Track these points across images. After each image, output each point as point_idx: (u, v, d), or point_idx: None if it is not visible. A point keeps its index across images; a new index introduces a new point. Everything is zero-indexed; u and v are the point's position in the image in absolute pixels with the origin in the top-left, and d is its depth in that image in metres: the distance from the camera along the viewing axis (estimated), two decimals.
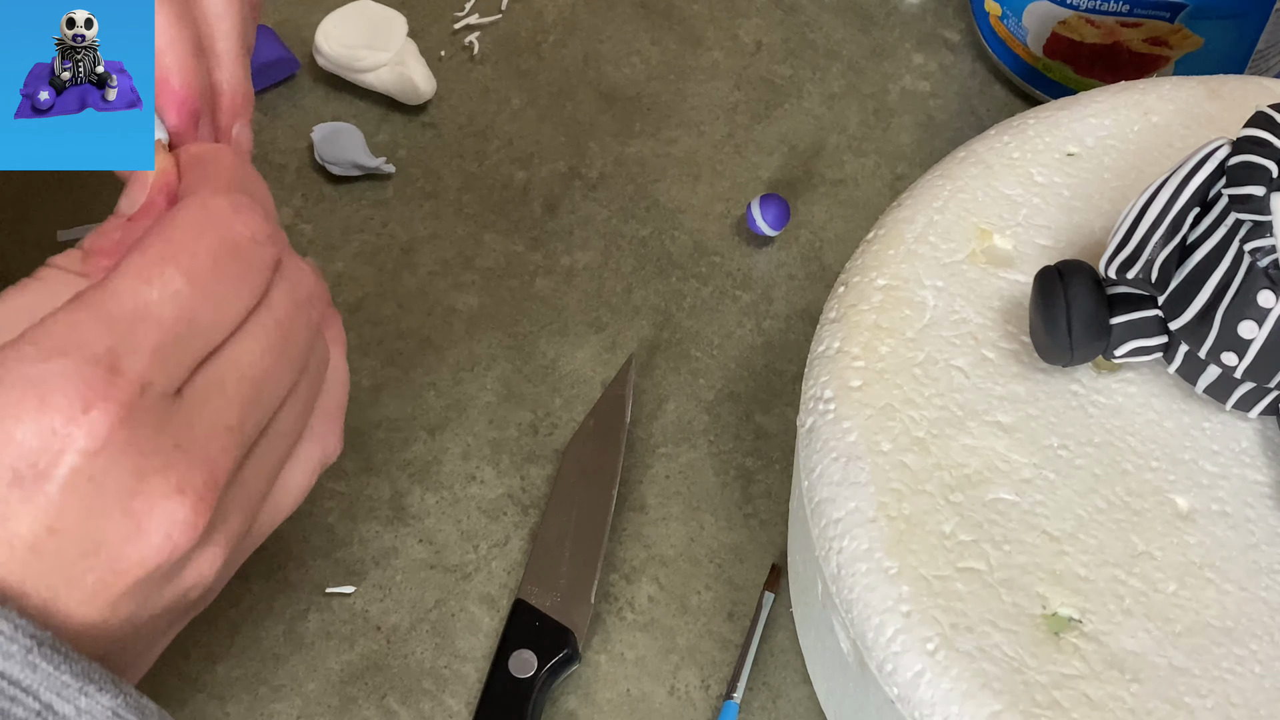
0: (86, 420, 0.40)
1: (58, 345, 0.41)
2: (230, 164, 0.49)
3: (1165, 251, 0.52)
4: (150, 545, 0.42)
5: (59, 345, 0.41)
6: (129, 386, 0.41)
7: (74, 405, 0.40)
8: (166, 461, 0.42)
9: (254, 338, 0.45)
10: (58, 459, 0.40)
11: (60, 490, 0.40)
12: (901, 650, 0.51)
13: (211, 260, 0.44)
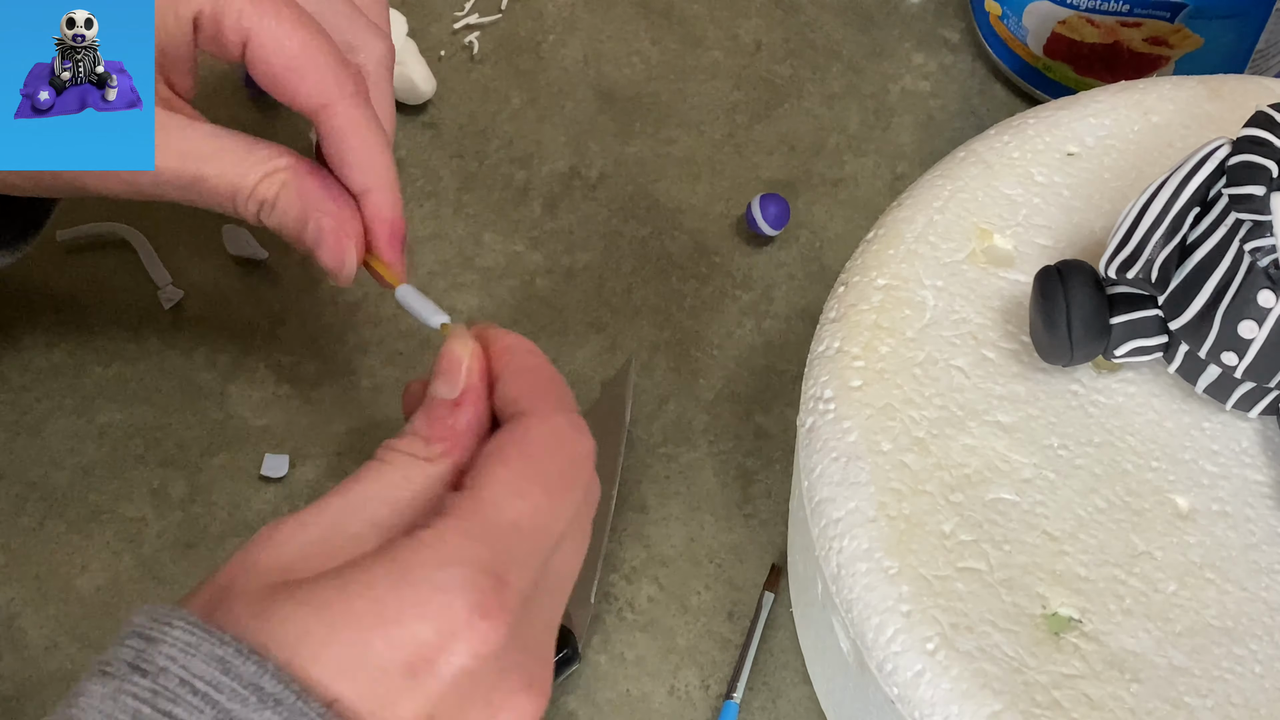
0: (482, 626, 0.44)
1: (454, 554, 0.45)
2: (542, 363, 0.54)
3: (1165, 251, 0.52)
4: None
5: (455, 554, 0.45)
6: (514, 597, 0.45)
7: (473, 612, 0.44)
8: (520, 660, 0.46)
9: (574, 539, 0.49)
10: (450, 657, 0.44)
11: (445, 684, 0.44)
12: (901, 650, 0.51)
13: (560, 475, 0.48)
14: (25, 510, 0.70)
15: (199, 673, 0.42)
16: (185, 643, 0.43)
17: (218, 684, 0.42)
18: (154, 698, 0.42)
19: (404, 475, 0.48)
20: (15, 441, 0.71)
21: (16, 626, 0.66)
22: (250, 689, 0.42)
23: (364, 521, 0.47)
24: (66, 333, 0.75)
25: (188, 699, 0.42)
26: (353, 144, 0.57)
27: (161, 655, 0.43)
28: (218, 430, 0.72)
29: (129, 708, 0.42)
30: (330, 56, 0.57)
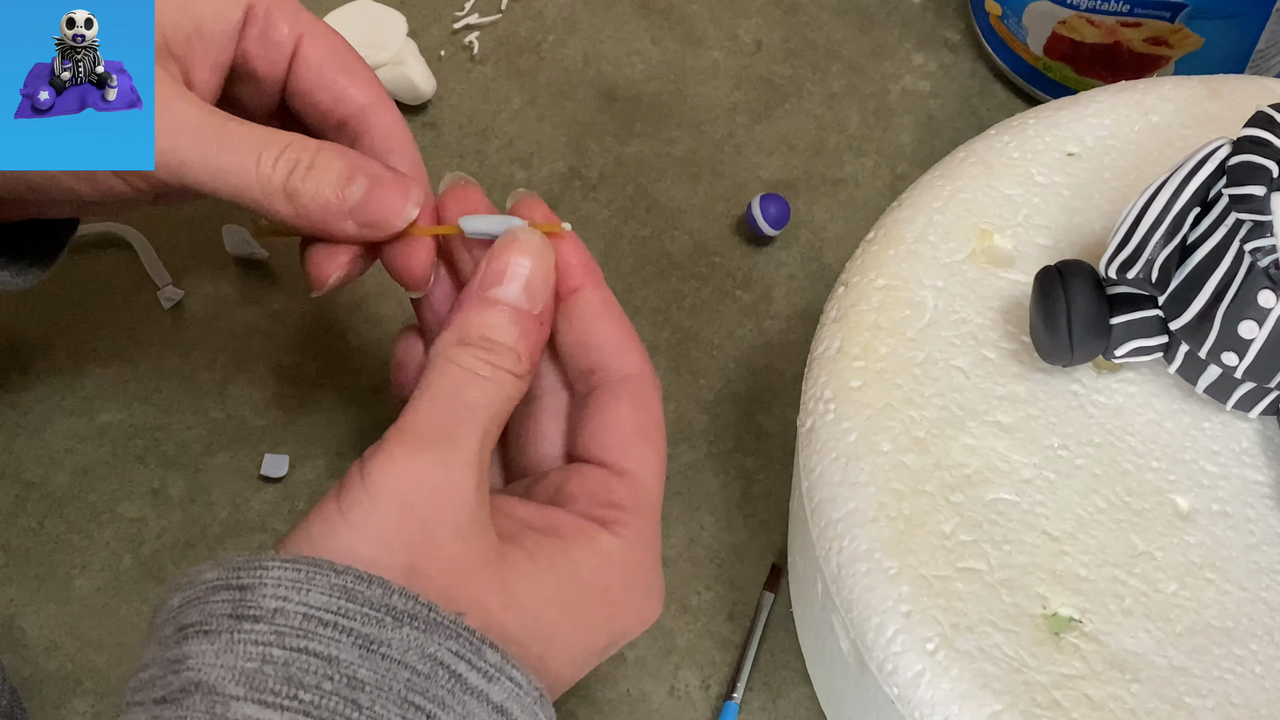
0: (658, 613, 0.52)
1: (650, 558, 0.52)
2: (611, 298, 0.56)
3: (1165, 251, 0.52)
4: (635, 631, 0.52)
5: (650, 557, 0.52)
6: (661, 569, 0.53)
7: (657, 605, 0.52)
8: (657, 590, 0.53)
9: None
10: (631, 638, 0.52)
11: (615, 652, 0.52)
12: (901, 650, 0.51)
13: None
14: (25, 510, 0.70)
15: (321, 604, 0.43)
16: (292, 580, 0.43)
17: (346, 611, 0.43)
18: (280, 638, 0.42)
19: (508, 396, 0.50)
20: (15, 441, 0.71)
21: (16, 626, 0.66)
22: (382, 610, 0.43)
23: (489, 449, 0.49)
24: (66, 332, 0.75)
25: (319, 631, 0.42)
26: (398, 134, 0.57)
27: (268, 598, 0.43)
28: (218, 430, 0.72)
29: (255, 654, 0.42)
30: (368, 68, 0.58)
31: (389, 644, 0.43)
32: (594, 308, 0.54)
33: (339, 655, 0.42)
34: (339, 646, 0.42)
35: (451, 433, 0.47)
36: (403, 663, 0.43)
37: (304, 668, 0.42)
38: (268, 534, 0.69)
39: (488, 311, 0.51)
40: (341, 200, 0.53)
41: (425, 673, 0.43)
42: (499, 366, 0.49)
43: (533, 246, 0.52)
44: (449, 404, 0.48)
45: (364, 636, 0.43)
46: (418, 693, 0.43)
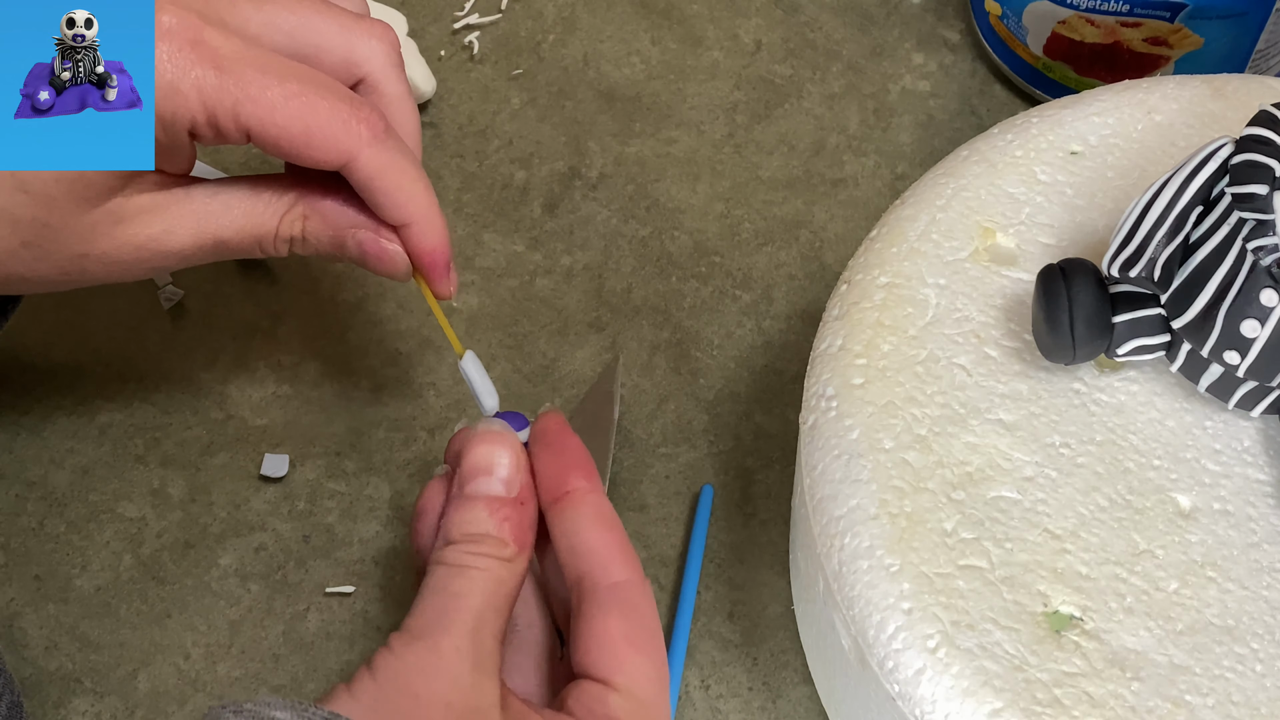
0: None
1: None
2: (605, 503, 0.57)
3: (1168, 250, 0.52)
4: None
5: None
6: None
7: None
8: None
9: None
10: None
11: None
12: (903, 648, 0.51)
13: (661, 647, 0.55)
14: (25, 510, 0.70)
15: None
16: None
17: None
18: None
19: (497, 579, 0.53)
20: (15, 441, 0.71)
21: (16, 626, 0.66)
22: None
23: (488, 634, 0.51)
24: (66, 333, 0.75)
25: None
26: (381, 187, 0.56)
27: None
28: (218, 430, 0.72)
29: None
30: (334, 112, 0.54)
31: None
32: (584, 511, 0.55)
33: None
34: None
35: (440, 622, 0.51)
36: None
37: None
38: (268, 533, 0.69)
39: (464, 509, 0.54)
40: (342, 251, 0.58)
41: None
42: (481, 554, 0.52)
43: (495, 433, 0.55)
44: (438, 598, 0.51)
45: None
46: None
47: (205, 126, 0.53)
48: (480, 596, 0.52)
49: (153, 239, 0.55)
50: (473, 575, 0.52)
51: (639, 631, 0.53)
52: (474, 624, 0.51)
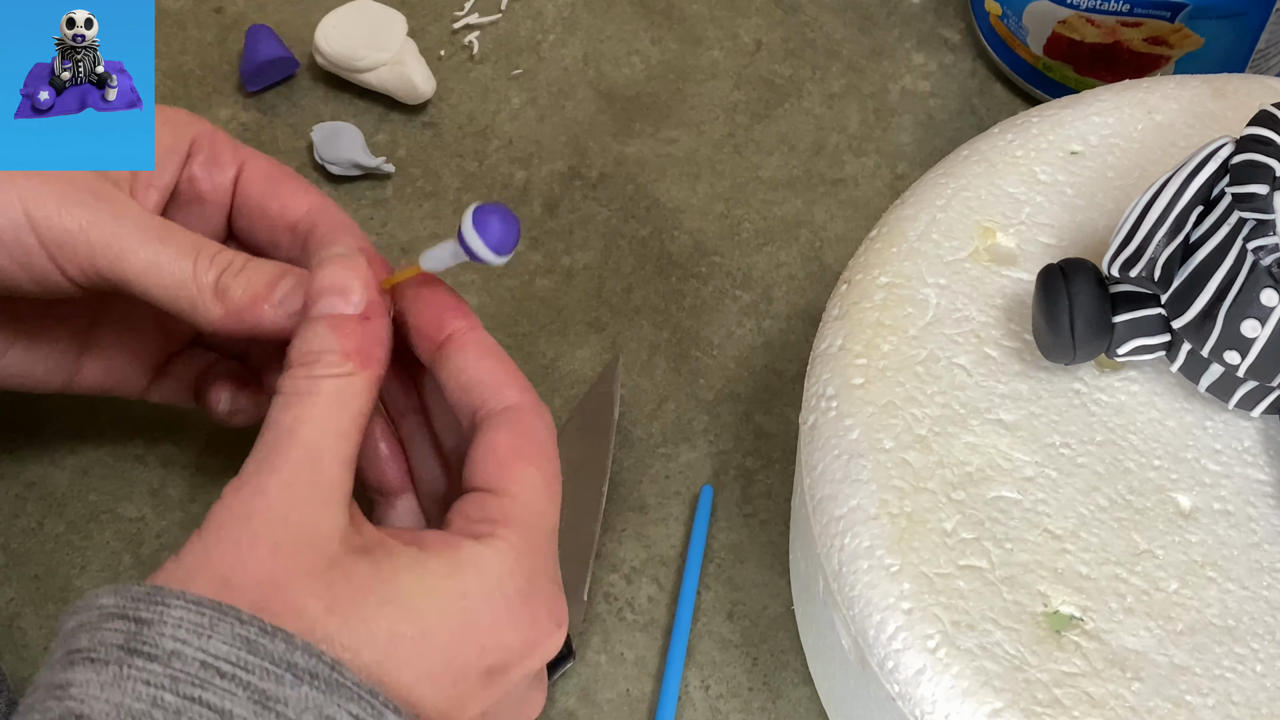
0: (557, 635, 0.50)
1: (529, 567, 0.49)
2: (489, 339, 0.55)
3: (1168, 250, 0.52)
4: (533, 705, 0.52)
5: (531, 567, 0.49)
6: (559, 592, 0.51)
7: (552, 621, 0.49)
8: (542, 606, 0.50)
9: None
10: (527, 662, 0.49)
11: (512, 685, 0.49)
12: (903, 648, 0.51)
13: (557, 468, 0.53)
14: (25, 510, 0.69)
15: (220, 653, 0.41)
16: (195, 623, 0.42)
17: (246, 664, 0.42)
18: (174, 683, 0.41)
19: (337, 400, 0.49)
20: (15, 441, 0.71)
21: (16, 626, 0.66)
22: (283, 666, 0.42)
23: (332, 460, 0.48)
24: None
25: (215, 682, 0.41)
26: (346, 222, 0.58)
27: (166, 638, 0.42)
28: (218, 430, 0.72)
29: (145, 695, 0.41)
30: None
31: (285, 702, 0.42)
32: (469, 349, 0.53)
33: (233, 710, 0.41)
34: (234, 700, 0.41)
35: (268, 460, 0.47)
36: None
37: (195, 718, 0.41)
38: None
39: (305, 331, 0.51)
40: (272, 295, 0.53)
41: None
42: (319, 376, 0.49)
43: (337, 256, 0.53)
44: (269, 433, 0.48)
45: (261, 692, 0.41)
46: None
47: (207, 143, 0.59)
48: (316, 423, 0.48)
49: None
50: (307, 401, 0.49)
51: (528, 445, 0.52)
52: (309, 455, 0.48)
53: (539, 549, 0.50)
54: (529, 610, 0.49)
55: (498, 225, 0.50)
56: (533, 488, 0.51)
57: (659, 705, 0.63)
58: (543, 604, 0.49)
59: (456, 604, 0.47)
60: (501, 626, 0.48)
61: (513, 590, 0.48)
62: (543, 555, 0.50)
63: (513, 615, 0.48)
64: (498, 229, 0.50)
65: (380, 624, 0.45)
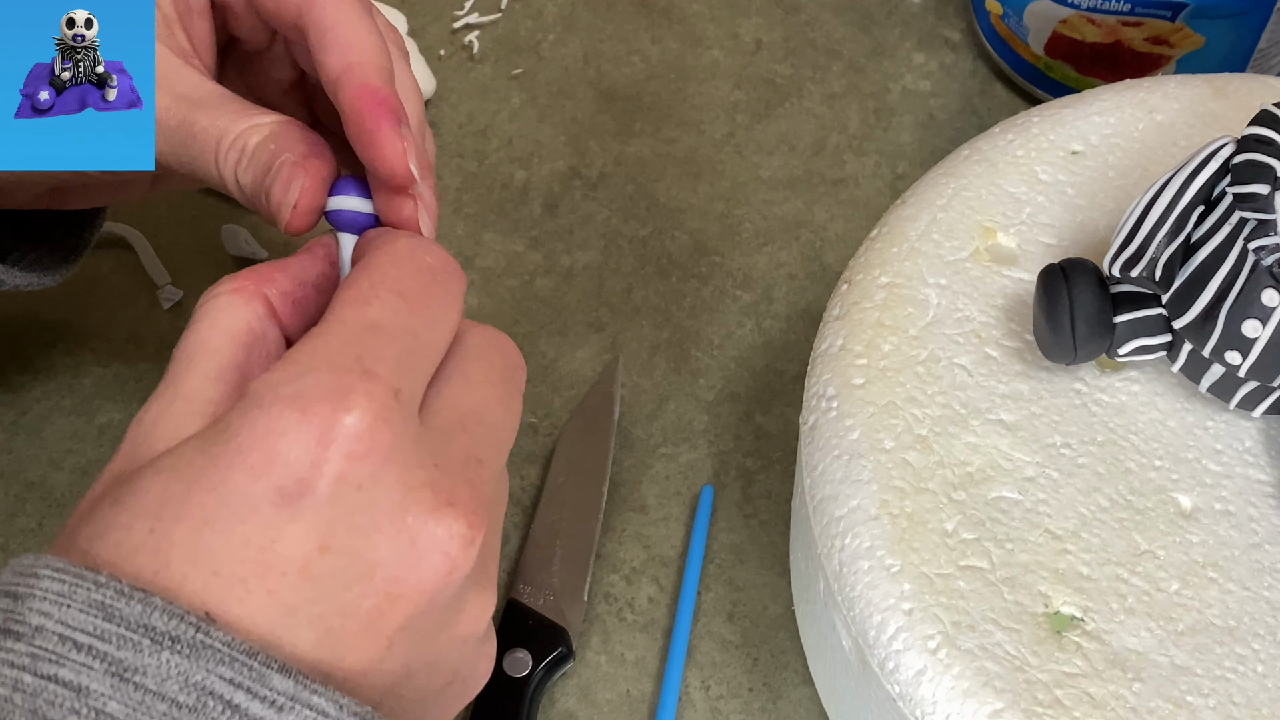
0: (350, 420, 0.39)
1: (307, 363, 0.40)
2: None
3: (1169, 250, 0.52)
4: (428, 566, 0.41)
5: (309, 363, 0.40)
6: (384, 387, 0.40)
7: (336, 408, 0.39)
8: (431, 477, 0.41)
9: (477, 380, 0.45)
10: (322, 467, 0.39)
11: (328, 502, 0.39)
12: (903, 648, 0.51)
13: (414, 282, 0.44)
14: (24, 510, 0.69)
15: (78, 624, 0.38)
16: (57, 593, 0.38)
17: (102, 633, 0.38)
18: (34, 662, 0.37)
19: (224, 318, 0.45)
20: (15, 441, 0.71)
21: None
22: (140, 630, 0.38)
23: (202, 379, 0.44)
24: (66, 332, 0.75)
25: (71, 657, 0.37)
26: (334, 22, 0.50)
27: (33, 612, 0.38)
28: None
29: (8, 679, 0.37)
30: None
31: (144, 671, 0.37)
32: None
33: (89, 685, 0.37)
34: (90, 675, 0.37)
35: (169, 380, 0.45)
36: (160, 694, 0.37)
37: (51, 699, 0.37)
38: None
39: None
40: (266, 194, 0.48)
41: (190, 705, 0.37)
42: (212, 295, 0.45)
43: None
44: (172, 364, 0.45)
45: (118, 662, 0.37)
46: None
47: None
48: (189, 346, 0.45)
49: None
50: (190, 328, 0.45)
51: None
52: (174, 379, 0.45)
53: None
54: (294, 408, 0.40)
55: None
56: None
57: (659, 706, 0.63)
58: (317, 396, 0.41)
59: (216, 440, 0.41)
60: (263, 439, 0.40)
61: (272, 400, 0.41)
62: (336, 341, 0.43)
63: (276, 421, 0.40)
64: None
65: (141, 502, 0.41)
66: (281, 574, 0.39)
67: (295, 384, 0.40)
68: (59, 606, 0.38)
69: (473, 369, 0.45)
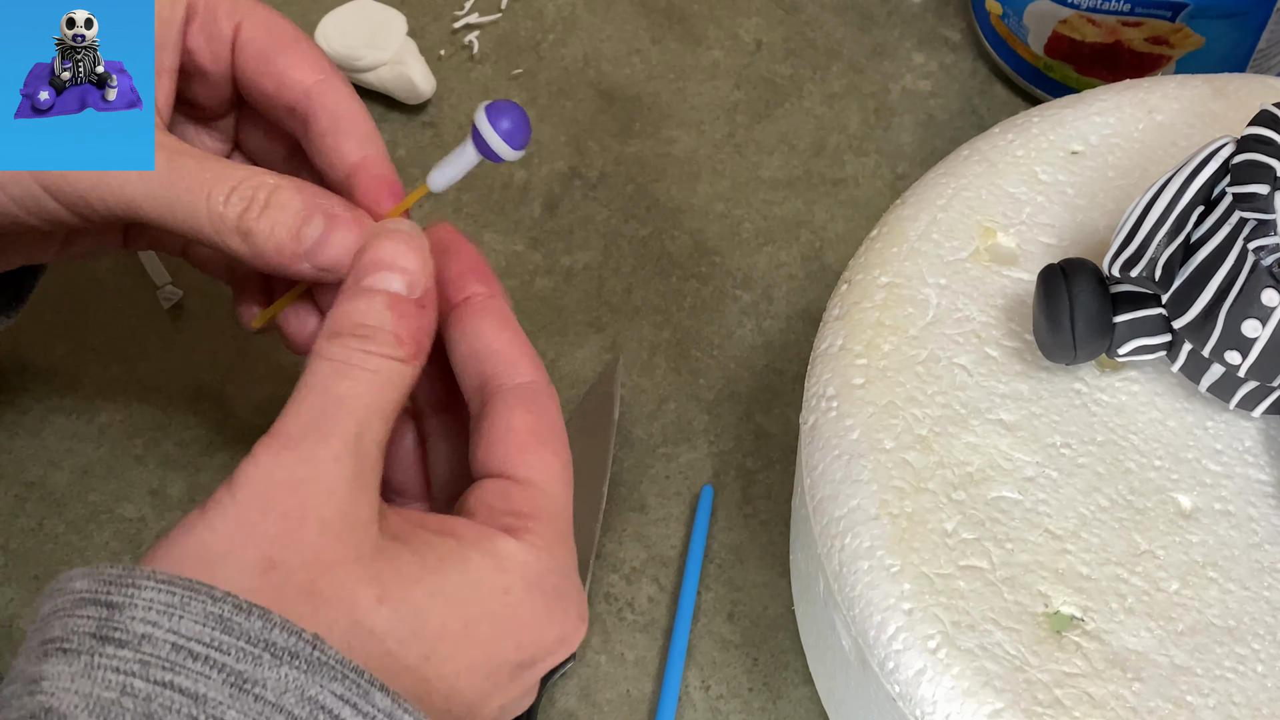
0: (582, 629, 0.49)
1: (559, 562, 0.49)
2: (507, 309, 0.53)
3: (1169, 250, 0.52)
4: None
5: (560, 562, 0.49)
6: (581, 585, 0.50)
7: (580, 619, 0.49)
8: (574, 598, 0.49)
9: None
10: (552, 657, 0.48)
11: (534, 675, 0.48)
12: (903, 648, 0.51)
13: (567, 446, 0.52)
14: (25, 510, 0.69)
15: (193, 634, 0.39)
16: (165, 604, 0.40)
17: (220, 644, 0.40)
18: (144, 668, 0.39)
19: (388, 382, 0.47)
20: (15, 441, 0.71)
21: (16, 627, 0.66)
22: (260, 645, 0.40)
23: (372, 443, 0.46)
24: (66, 333, 0.75)
25: (187, 665, 0.39)
26: (347, 111, 0.54)
27: (137, 621, 0.39)
28: (217, 430, 0.72)
29: (115, 683, 0.38)
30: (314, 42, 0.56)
31: (264, 684, 0.39)
32: (487, 316, 0.51)
33: (207, 693, 0.39)
34: (208, 684, 0.39)
35: (318, 428, 0.45)
36: (278, 705, 0.39)
37: (166, 704, 0.38)
38: None
39: (360, 300, 0.48)
40: (297, 242, 0.50)
41: (303, 717, 0.39)
42: (373, 353, 0.47)
43: (404, 232, 0.50)
44: (317, 399, 0.46)
45: (237, 674, 0.39)
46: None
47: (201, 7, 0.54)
48: (367, 400, 0.46)
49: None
50: (360, 376, 0.46)
51: (545, 428, 0.50)
52: (357, 431, 0.45)
53: (567, 542, 0.50)
54: (562, 607, 0.48)
55: (512, 117, 0.50)
56: (555, 476, 0.50)
57: (659, 706, 0.63)
58: (573, 600, 0.49)
59: (500, 599, 0.46)
60: (539, 623, 0.47)
61: (550, 587, 0.48)
62: (570, 549, 0.50)
63: (550, 612, 0.48)
64: (510, 120, 0.50)
65: (429, 620, 0.44)
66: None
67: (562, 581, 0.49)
68: (168, 616, 0.39)
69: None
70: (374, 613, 0.43)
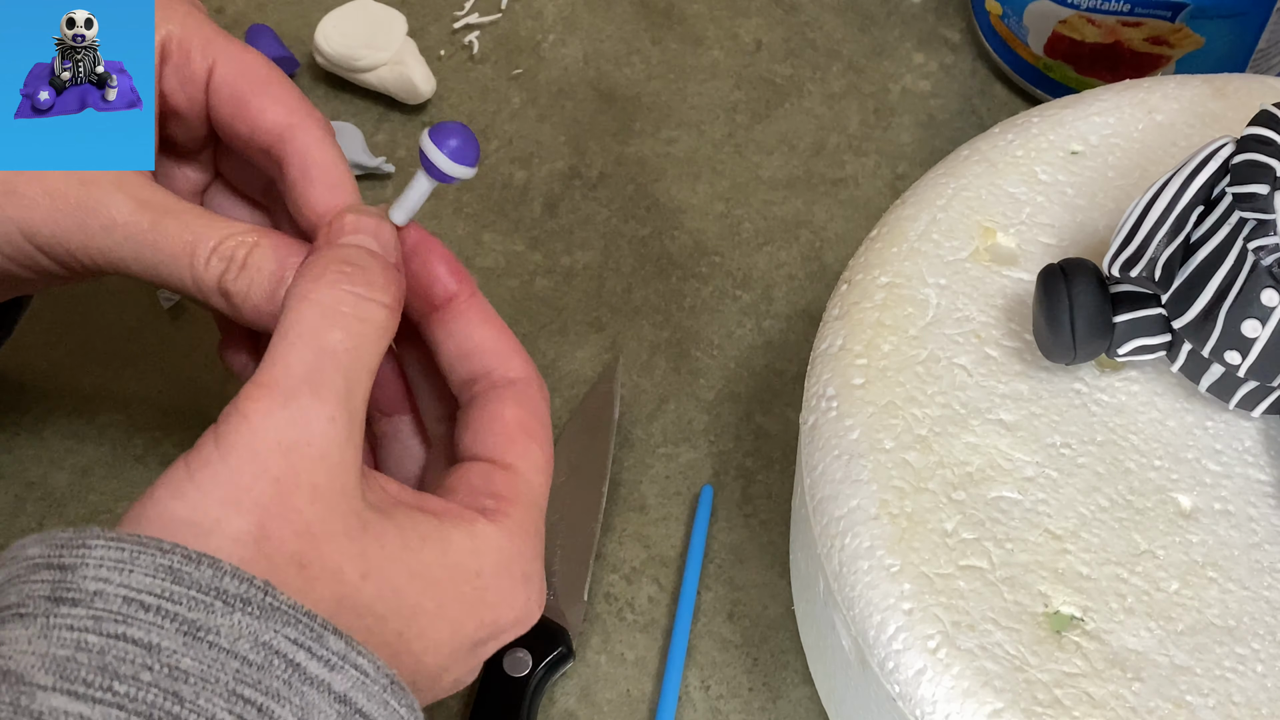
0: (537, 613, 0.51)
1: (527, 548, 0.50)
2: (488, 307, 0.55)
3: (1169, 250, 0.52)
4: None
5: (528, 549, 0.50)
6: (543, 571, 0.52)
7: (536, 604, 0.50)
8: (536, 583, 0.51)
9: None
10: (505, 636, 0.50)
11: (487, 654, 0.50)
12: (903, 648, 0.51)
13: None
14: (25, 510, 0.69)
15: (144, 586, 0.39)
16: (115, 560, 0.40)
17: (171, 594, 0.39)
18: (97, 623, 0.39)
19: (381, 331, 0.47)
20: (15, 441, 0.71)
21: None
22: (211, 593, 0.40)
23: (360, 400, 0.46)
24: (66, 333, 0.75)
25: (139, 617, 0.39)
26: (324, 158, 0.53)
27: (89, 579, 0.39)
28: None
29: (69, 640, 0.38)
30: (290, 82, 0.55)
31: (217, 631, 0.39)
32: (471, 315, 0.52)
33: (160, 643, 0.39)
34: (161, 633, 0.39)
35: (310, 383, 0.44)
36: (232, 651, 0.39)
37: (121, 656, 0.38)
38: None
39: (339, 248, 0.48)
40: (272, 303, 0.50)
41: (258, 663, 0.40)
42: (362, 296, 0.46)
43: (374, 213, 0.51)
44: (308, 350, 0.45)
45: (189, 622, 0.39)
46: (248, 684, 0.39)
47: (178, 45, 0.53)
48: (356, 352, 0.46)
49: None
50: (351, 325, 0.46)
51: (533, 422, 0.51)
52: (348, 388, 0.45)
53: (538, 530, 0.51)
54: (525, 592, 0.50)
55: (458, 136, 0.50)
56: (536, 466, 0.51)
57: (659, 706, 0.63)
58: (536, 586, 0.50)
59: (472, 582, 0.47)
60: (504, 605, 0.49)
61: (518, 572, 0.49)
62: (540, 537, 0.51)
63: (514, 595, 0.49)
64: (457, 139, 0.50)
65: (406, 596, 0.45)
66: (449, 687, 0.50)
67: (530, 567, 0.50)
68: (118, 572, 0.40)
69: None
70: (358, 590, 0.44)
